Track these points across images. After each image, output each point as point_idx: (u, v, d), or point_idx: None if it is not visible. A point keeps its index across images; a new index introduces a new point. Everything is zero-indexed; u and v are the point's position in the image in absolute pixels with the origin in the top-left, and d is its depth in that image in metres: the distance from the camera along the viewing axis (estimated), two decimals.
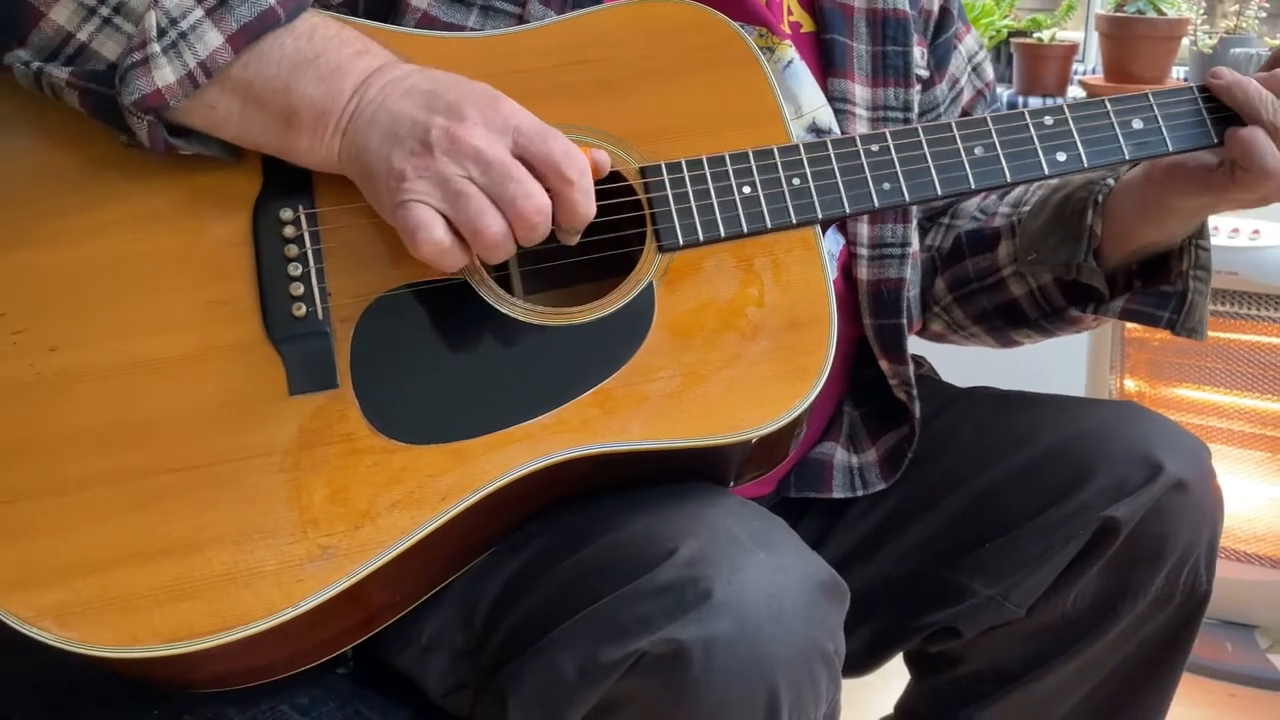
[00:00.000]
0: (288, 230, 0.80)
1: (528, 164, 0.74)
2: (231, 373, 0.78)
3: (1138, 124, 0.90)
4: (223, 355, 0.78)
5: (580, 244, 0.80)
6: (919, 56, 1.05)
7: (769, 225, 0.84)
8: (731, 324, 0.82)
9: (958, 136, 0.88)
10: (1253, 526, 1.76)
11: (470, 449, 0.78)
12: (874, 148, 0.87)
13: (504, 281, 0.86)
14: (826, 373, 0.81)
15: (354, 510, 0.76)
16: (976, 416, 1.05)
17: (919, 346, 1.12)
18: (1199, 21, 1.96)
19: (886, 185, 0.87)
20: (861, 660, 1.05)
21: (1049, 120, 0.89)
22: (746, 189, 0.84)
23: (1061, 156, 0.89)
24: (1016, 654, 1.00)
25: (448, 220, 0.74)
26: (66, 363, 0.77)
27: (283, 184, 0.80)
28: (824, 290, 0.83)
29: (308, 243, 0.80)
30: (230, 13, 0.74)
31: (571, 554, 0.79)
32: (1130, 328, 1.74)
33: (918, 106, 1.04)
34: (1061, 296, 1.04)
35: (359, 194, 0.78)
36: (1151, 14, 1.90)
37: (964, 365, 1.22)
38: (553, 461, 0.78)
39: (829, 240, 0.99)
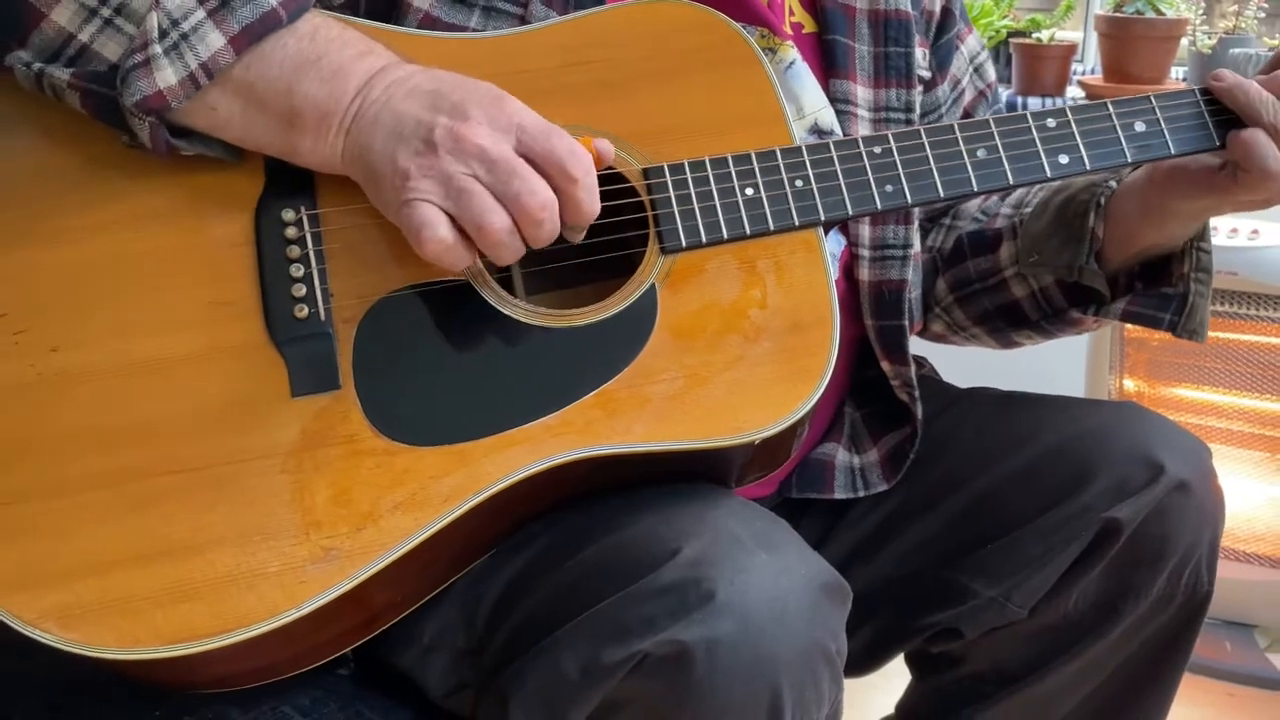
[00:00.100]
0: (290, 231, 0.80)
1: (532, 162, 0.74)
2: (233, 374, 0.78)
3: (1140, 126, 0.90)
4: (224, 356, 0.78)
5: (582, 245, 0.80)
6: (921, 57, 1.05)
7: (771, 227, 0.84)
8: (734, 326, 0.82)
9: (960, 138, 0.88)
10: (1252, 526, 1.76)
11: (473, 451, 0.77)
12: (876, 149, 0.87)
13: (506, 283, 0.85)
14: (829, 374, 0.81)
15: (356, 512, 0.76)
16: (977, 417, 1.05)
17: (919, 347, 1.11)
18: (1198, 22, 1.96)
19: (889, 187, 0.87)
20: (862, 660, 1.05)
21: (1051, 122, 0.89)
22: (749, 190, 0.84)
23: (1064, 159, 0.89)
24: (1018, 655, 1.00)
25: (452, 219, 0.74)
26: (67, 363, 0.76)
27: (285, 184, 0.80)
28: (827, 292, 0.83)
29: (310, 243, 0.80)
30: (232, 14, 0.73)
31: (574, 554, 0.79)
32: (1130, 328, 1.74)
33: (919, 107, 1.04)
34: (1063, 298, 1.04)
35: (361, 194, 0.78)
36: (1150, 14, 1.90)
37: (964, 365, 1.22)
38: (555, 463, 0.78)
39: (830, 241, 0.99)
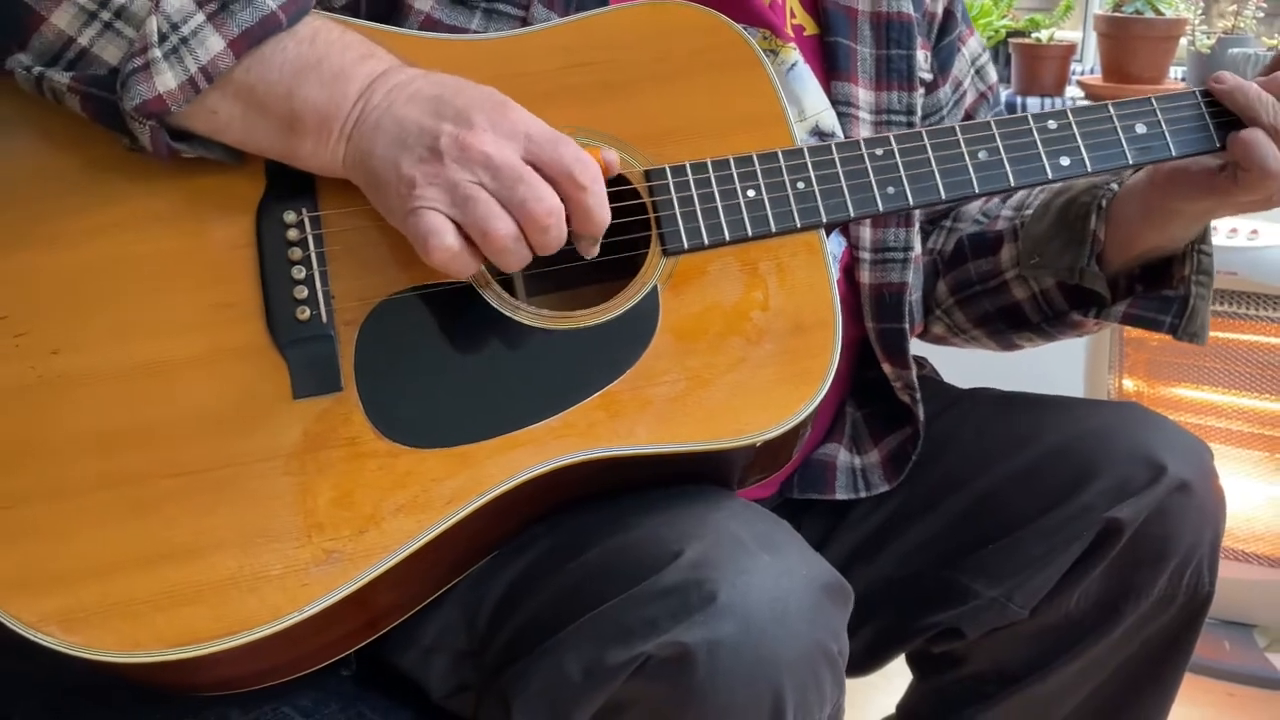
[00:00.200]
0: (291, 233, 0.80)
1: (539, 170, 0.74)
2: (235, 376, 0.77)
3: (1141, 128, 0.90)
4: (226, 358, 0.78)
5: None
6: (923, 60, 1.04)
7: (773, 229, 0.84)
8: (736, 328, 0.82)
9: (961, 140, 0.88)
10: (1251, 526, 1.76)
11: (475, 453, 0.77)
12: (878, 151, 0.87)
13: (507, 285, 0.85)
14: (831, 376, 0.81)
15: (359, 514, 0.76)
16: (978, 418, 1.05)
17: (919, 348, 1.11)
18: (1197, 21, 1.96)
19: (891, 189, 0.86)
20: (863, 660, 1.05)
21: (1053, 124, 0.89)
22: (751, 192, 0.84)
23: (1065, 161, 0.89)
24: (1019, 655, 1.00)
25: (458, 226, 0.73)
26: (68, 366, 0.76)
27: (286, 187, 0.80)
28: (829, 294, 0.83)
29: (311, 245, 0.80)
30: (231, 17, 0.73)
31: (576, 556, 0.79)
32: (1129, 328, 1.74)
33: (921, 110, 1.04)
34: (1063, 300, 1.04)
35: (363, 197, 0.78)
36: (1149, 14, 1.90)
37: (964, 366, 1.22)
38: (558, 465, 0.78)
39: (831, 243, 0.99)
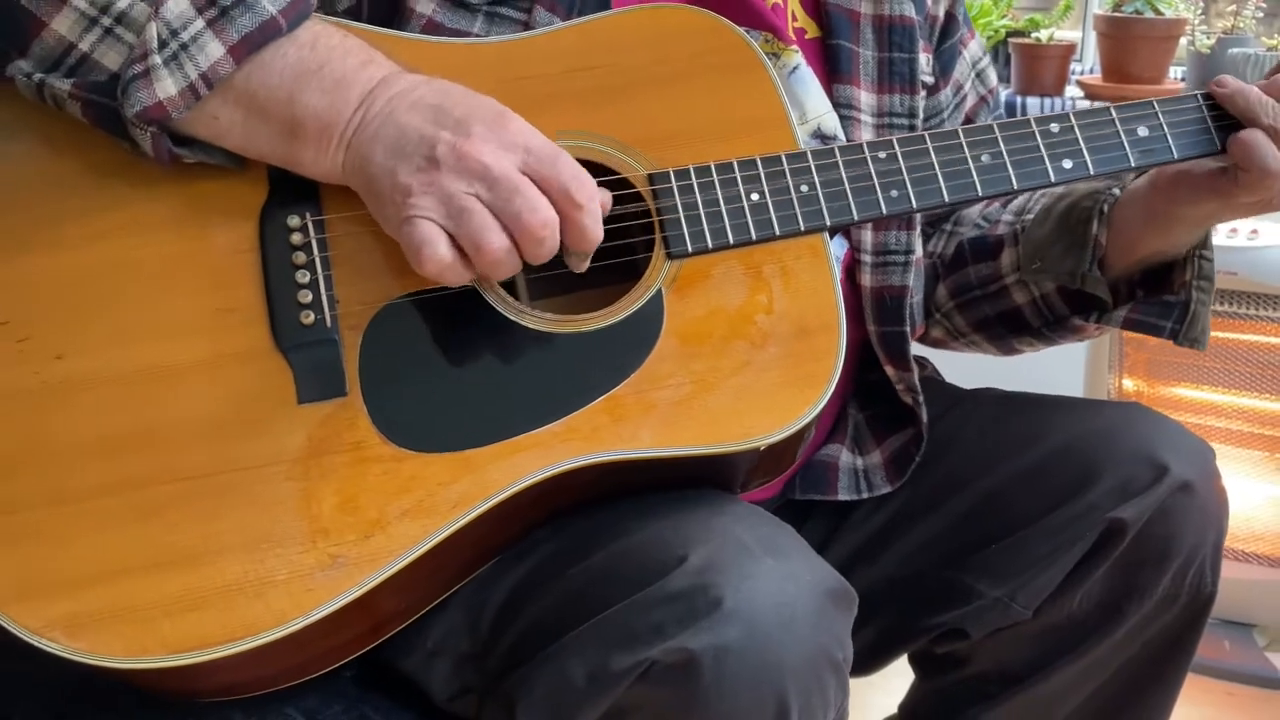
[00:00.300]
0: (295, 238, 0.80)
1: (536, 184, 0.74)
2: (239, 380, 0.77)
3: (1143, 131, 0.90)
4: (230, 363, 0.78)
5: None
6: (924, 63, 1.04)
7: (777, 232, 0.84)
8: (741, 331, 0.82)
9: (964, 144, 0.88)
10: (1251, 525, 1.76)
11: (480, 457, 0.77)
12: (881, 155, 0.87)
13: (511, 287, 0.85)
14: (836, 380, 0.81)
15: (364, 519, 0.76)
16: (981, 418, 1.05)
17: (920, 349, 1.11)
18: (1196, 21, 1.96)
19: (894, 192, 0.86)
20: (866, 661, 1.05)
21: (1055, 127, 0.89)
22: (755, 196, 0.84)
23: (1068, 164, 0.89)
24: (1022, 655, 1.01)
25: (451, 236, 0.73)
26: (72, 370, 0.76)
27: (289, 191, 0.80)
28: (833, 297, 0.83)
29: (315, 250, 0.79)
30: (231, 23, 0.73)
31: (581, 560, 0.79)
32: None
33: (922, 112, 1.04)
34: (1064, 305, 1.04)
35: None
36: (1149, 14, 1.90)
37: (965, 366, 1.22)
38: (563, 469, 0.78)
39: (833, 245, 0.99)
